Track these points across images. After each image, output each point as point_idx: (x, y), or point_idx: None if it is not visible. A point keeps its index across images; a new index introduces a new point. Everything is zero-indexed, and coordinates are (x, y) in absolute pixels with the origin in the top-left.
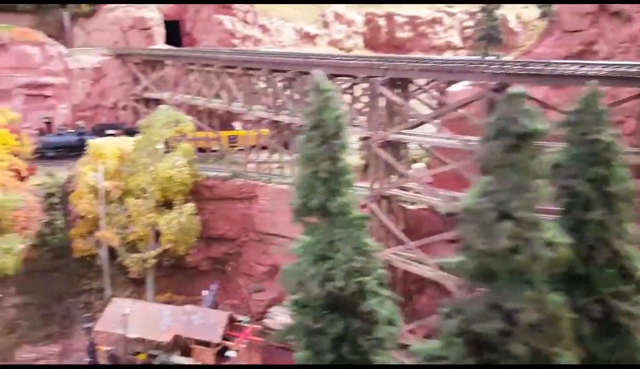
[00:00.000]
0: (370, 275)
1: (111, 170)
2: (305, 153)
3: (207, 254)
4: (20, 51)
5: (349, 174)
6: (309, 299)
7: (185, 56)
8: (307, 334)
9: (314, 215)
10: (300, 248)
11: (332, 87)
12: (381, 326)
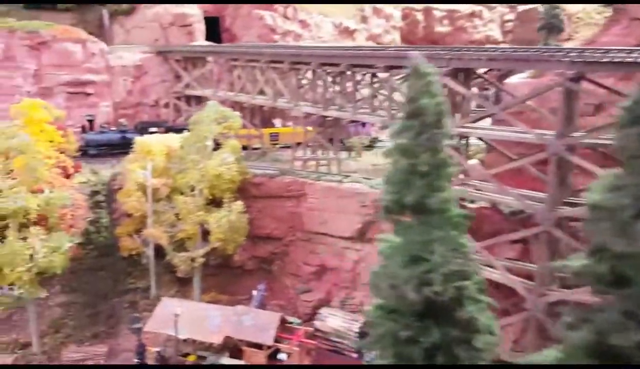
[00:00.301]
0: (469, 279)
1: (159, 168)
2: (401, 144)
3: (252, 253)
4: (62, 49)
5: (450, 167)
6: (400, 304)
7: (228, 52)
8: (395, 344)
9: (407, 213)
10: (389, 248)
11: (433, 71)
12: (480, 335)
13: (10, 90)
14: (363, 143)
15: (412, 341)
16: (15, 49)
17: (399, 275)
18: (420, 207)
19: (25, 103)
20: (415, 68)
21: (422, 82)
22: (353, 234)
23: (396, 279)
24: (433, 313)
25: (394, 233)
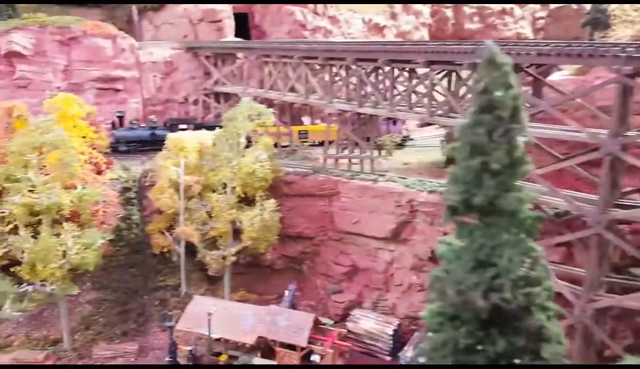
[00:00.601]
0: (539, 285)
1: (191, 165)
2: (471, 140)
3: (282, 252)
4: (93, 44)
5: (526, 165)
6: (463, 311)
7: (259, 48)
8: (455, 352)
9: (474, 214)
10: (451, 251)
11: (509, 61)
12: (548, 344)
13: (40, 86)
14: (395, 142)
15: (475, 350)
16: (46, 44)
17: (466, 280)
18: (490, 208)
19: (59, 98)
20: (490, 58)
21: (497, 73)
22: (387, 234)
23: (462, 284)
24: (498, 320)
25: (457, 236)
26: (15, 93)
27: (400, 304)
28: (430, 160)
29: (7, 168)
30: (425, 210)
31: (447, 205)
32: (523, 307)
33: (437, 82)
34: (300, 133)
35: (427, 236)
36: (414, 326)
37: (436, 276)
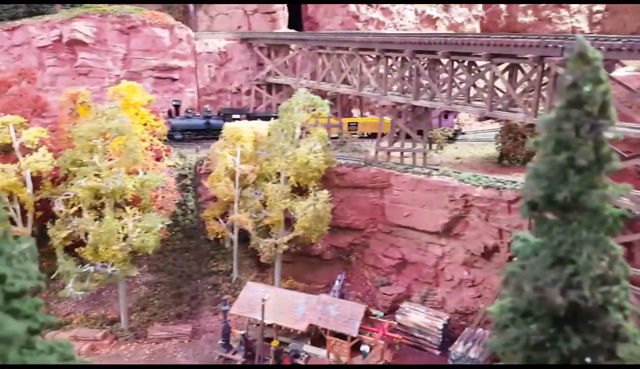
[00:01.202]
0: (617, 284)
1: (247, 154)
2: (557, 135)
3: (331, 243)
4: (151, 33)
5: (613, 162)
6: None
7: (314, 39)
8: (526, 349)
9: (555, 210)
10: (527, 247)
11: (599, 56)
12: (625, 344)
13: (100, 73)
14: (446, 135)
15: (546, 347)
16: (106, 32)
17: (544, 277)
18: (572, 204)
19: (122, 86)
20: (581, 52)
21: (587, 67)
22: (438, 229)
23: (540, 281)
24: (573, 318)
25: (535, 231)
26: (77, 81)
27: (450, 299)
28: (483, 155)
29: (74, 153)
30: (480, 206)
31: (527, 201)
32: (600, 305)
33: (498, 76)
34: (350, 125)
35: (481, 232)
36: (464, 322)
37: (512, 272)
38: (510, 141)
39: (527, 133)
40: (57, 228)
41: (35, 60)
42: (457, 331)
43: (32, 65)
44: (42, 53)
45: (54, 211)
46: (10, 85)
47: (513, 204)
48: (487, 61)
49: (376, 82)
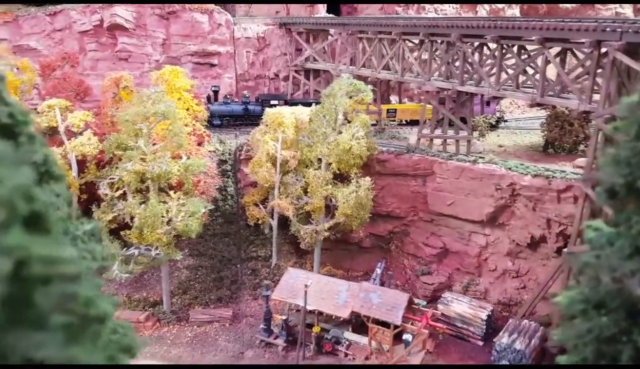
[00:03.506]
0: None
1: (288, 140)
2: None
3: (370, 230)
4: (191, 19)
5: None
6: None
7: (355, 24)
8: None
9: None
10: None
11: None
12: None
13: (140, 58)
14: (489, 123)
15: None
16: (146, 17)
17: (621, 267)
18: None
19: (166, 70)
20: None
21: None
22: (483, 218)
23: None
24: None
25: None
26: (117, 65)
27: (493, 289)
28: (527, 143)
29: (119, 137)
30: (528, 195)
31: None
32: None
33: (551, 61)
34: (389, 111)
35: (528, 221)
36: (506, 313)
37: (586, 262)
38: (557, 129)
39: (574, 121)
40: (102, 211)
41: (77, 44)
42: (500, 322)
43: (74, 49)
44: (83, 37)
45: (98, 195)
46: (55, 69)
47: (563, 193)
48: (539, 45)
49: (419, 67)
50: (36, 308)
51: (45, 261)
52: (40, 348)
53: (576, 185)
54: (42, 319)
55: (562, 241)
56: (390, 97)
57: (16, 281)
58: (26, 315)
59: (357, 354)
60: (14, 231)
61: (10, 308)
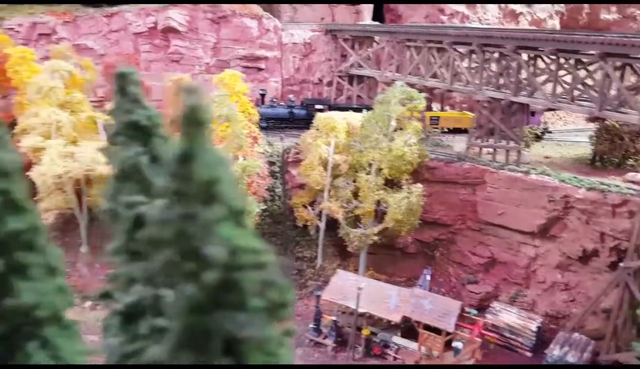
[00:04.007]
0: None
1: (340, 144)
2: None
3: (416, 237)
4: (241, 23)
5: None
6: None
7: (403, 32)
8: None
9: None
10: None
11: None
12: None
13: (191, 61)
14: (535, 133)
15: None
16: (198, 21)
17: None
18: None
19: (226, 74)
20: None
21: None
22: (534, 229)
23: None
24: None
25: None
26: (169, 67)
27: (541, 301)
28: (572, 155)
29: None
30: (582, 208)
31: None
32: None
33: (611, 75)
34: (432, 119)
35: (580, 235)
36: (554, 325)
37: None
38: (606, 142)
39: (625, 135)
40: None
41: (131, 45)
42: (547, 334)
43: (128, 50)
44: (138, 39)
45: None
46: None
47: (618, 208)
48: (599, 60)
49: (471, 76)
50: (241, 292)
51: (249, 251)
52: (244, 328)
53: (632, 199)
54: (244, 302)
55: (616, 256)
56: (431, 104)
57: (227, 268)
58: (231, 298)
59: (406, 359)
60: (226, 224)
61: (219, 292)
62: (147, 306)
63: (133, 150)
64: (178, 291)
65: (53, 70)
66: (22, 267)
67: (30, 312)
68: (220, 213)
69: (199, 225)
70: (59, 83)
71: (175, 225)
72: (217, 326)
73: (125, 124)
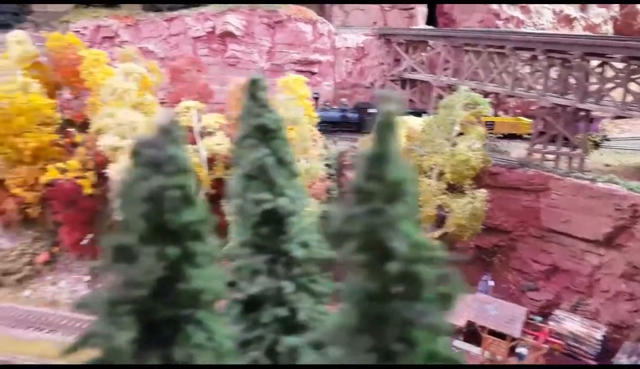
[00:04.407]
0: None
1: (400, 148)
2: None
3: (474, 242)
4: (295, 28)
5: None
6: None
7: (461, 36)
8: None
9: None
10: None
11: None
12: None
13: (247, 65)
14: (594, 141)
15: None
16: (254, 26)
17: None
18: None
19: (290, 79)
20: None
21: None
22: (599, 238)
23: None
24: None
25: None
26: (225, 71)
27: (604, 310)
28: (633, 163)
29: None
30: None
31: None
32: None
33: None
34: (487, 124)
35: None
36: (617, 335)
37: None
38: None
39: None
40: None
41: (190, 49)
42: (611, 344)
43: (187, 54)
44: (196, 43)
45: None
46: (183, 72)
47: None
48: None
49: (534, 82)
50: (419, 283)
51: (426, 247)
52: (422, 316)
53: None
54: (421, 292)
55: None
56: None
57: (408, 260)
58: (409, 288)
59: (470, 363)
60: (407, 221)
61: (398, 281)
62: (269, 296)
63: (261, 151)
64: (358, 280)
65: (127, 73)
66: (192, 255)
67: (197, 296)
68: (403, 210)
69: (385, 220)
70: (133, 85)
71: (362, 220)
72: (395, 314)
73: (254, 127)
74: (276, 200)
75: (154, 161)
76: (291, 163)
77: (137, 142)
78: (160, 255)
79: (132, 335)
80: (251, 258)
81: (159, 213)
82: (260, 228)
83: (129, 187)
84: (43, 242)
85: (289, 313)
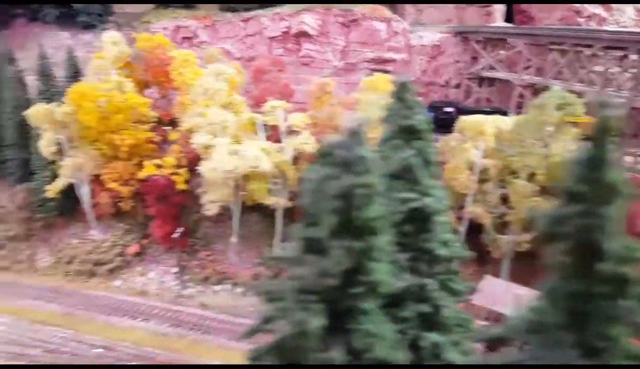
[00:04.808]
0: None
1: (488, 149)
2: None
3: None
4: (370, 26)
5: None
6: None
7: (546, 35)
8: None
9: None
10: None
11: None
12: None
13: (320, 64)
14: None
15: None
16: (329, 25)
17: None
18: None
19: (375, 78)
20: None
21: None
22: None
23: None
24: None
25: None
26: (299, 70)
27: None
28: None
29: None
30: None
31: None
32: None
33: None
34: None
35: None
36: None
37: None
38: None
39: None
40: None
41: (266, 49)
42: None
43: (263, 54)
44: (272, 43)
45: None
46: (266, 72)
47: None
48: None
49: (624, 82)
50: (626, 283)
51: (632, 249)
52: (629, 315)
53: None
54: (626, 292)
55: None
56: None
57: (619, 261)
58: (617, 288)
59: None
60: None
61: (606, 282)
62: (411, 293)
63: (408, 152)
64: (560, 278)
65: (217, 74)
66: (372, 249)
67: (376, 289)
68: (616, 212)
69: (598, 222)
70: (224, 86)
71: (574, 221)
72: (600, 312)
73: (401, 128)
74: (422, 199)
75: (345, 161)
76: (435, 164)
77: (327, 144)
78: (348, 248)
79: (323, 321)
80: (394, 256)
81: (348, 209)
82: (404, 227)
83: (319, 185)
84: (134, 234)
85: (432, 309)
